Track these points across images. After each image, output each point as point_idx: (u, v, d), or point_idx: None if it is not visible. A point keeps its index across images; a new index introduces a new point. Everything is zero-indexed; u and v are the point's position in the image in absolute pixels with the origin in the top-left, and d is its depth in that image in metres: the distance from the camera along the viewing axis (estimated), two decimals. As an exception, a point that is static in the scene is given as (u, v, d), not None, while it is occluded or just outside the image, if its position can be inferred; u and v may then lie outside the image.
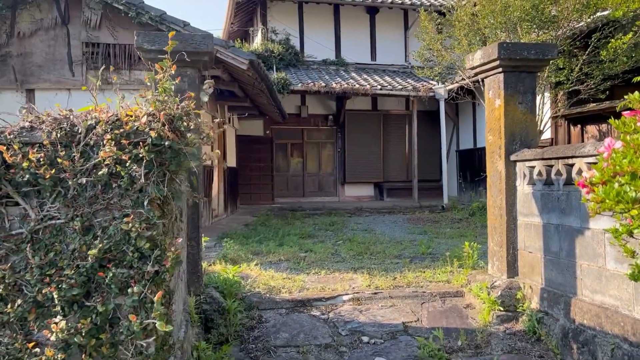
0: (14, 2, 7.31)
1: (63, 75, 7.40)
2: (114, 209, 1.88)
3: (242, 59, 7.00)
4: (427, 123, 16.56)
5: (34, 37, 7.46)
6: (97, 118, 1.96)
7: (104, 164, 1.86)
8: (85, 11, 7.35)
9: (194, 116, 2.17)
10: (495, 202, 4.89)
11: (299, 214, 13.12)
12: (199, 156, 2.04)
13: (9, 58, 7.41)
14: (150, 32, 4.04)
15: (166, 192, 1.86)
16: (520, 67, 4.70)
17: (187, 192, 3.70)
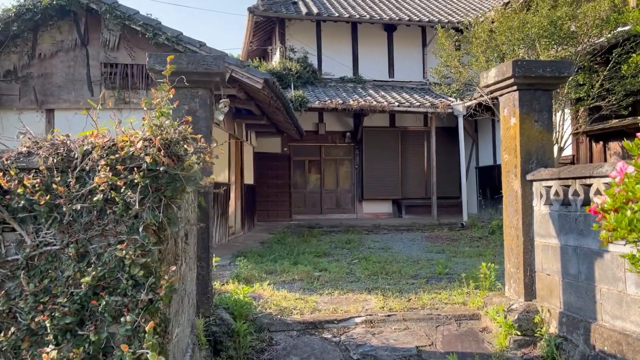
0: (36, 24, 7.49)
1: (82, 95, 7.53)
2: (109, 235, 1.86)
3: (257, 78, 7.03)
4: (445, 139, 16.43)
5: (55, 58, 7.62)
6: (93, 143, 1.96)
7: (99, 189, 1.85)
8: (104, 32, 7.49)
9: (192, 140, 2.15)
10: (512, 223, 4.77)
11: (316, 231, 13.05)
12: (196, 181, 2.00)
13: (30, 79, 7.58)
14: (162, 54, 4.07)
15: (162, 218, 1.83)
16: (535, 84, 4.61)
17: (194, 213, 3.68)
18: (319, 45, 17.35)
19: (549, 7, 10.13)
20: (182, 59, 4.05)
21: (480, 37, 11.15)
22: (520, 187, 4.63)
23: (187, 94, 4.17)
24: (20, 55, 7.58)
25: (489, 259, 8.20)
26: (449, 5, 19.54)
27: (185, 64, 4.04)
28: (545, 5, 10.10)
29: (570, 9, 9.61)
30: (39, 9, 7.10)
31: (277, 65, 16.34)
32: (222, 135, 10.36)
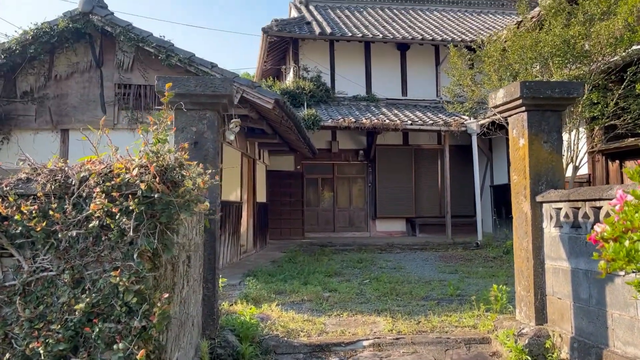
0: (53, 47, 7.66)
1: (96, 116, 7.66)
2: (104, 262, 1.87)
3: (267, 99, 7.09)
4: (459, 158, 16.35)
5: (70, 79, 7.78)
6: (90, 170, 1.98)
7: (94, 216, 1.87)
8: (118, 54, 7.64)
9: (188, 167, 2.16)
10: (522, 245, 4.70)
11: (328, 250, 13.00)
12: (191, 207, 2.01)
13: (45, 100, 7.74)
14: (170, 77, 4.13)
15: (157, 244, 1.84)
16: (544, 105, 4.58)
17: (199, 235, 3.69)
18: (332, 65, 17.49)
19: (562, 26, 10.09)
20: (190, 81, 4.11)
21: (493, 56, 11.14)
22: (529, 209, 4.57)
23: (195, 115, 4.22)
24: (37, 77, 7.76)
25: (502, 280, 8.08)
26: (462, 24, 19.59)
27: (193, 87, 4.09)
28: (558, 24, 10.07)
29: (583, 28, 9.56)
30: (55, 31, 7.28)
31: (290, 85, 16.49)
32: (234, 154, 10.43)
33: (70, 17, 7.31)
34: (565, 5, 10.72)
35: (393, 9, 21.01)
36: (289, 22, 17.57)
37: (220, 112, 4.36)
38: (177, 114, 4.25)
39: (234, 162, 10.48)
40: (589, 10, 9.53)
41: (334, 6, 20.47)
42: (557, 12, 10.59)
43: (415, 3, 21.74)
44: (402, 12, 20.74)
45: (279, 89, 16.06)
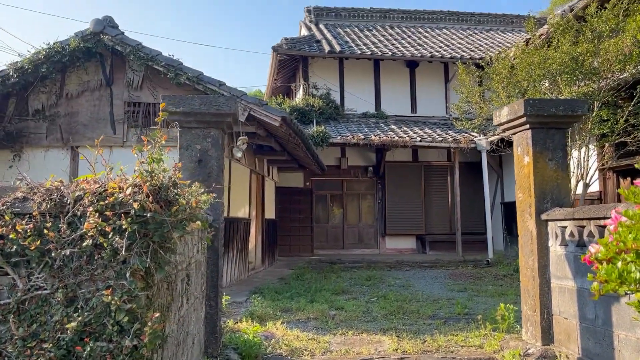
0: (64, 66, 7.82)
1: (105, 133, 7.76)
2: (98, 280, 1.88)
3: (274, 116, 7.15)
4: (469, 174, 16.28)
5: (81, 97, 7.91)
6: (84, 189, 2.01)
7: (88, 235, 1.89)
8: (128, 73, 7.76)
9: (182, 186, 2.18)
10: (527, 264, 4.65)
11: (336, 267, 12.95)
12: (184, 226, 2.03)
13: (57, 118, 7.87)
14: (175, 96, 4.19)
15: (149, 263, 1.86)
16: (549, 123, 4.56)
17: (202, 252, 3.71)
18: (341, 82, 17.60)
19: (570, 43, 10.08)
20: (195, 100, 4.16)
21: (501, 73, 11.14)
22: (535, 227, 4.53)
23: (200, 134, 4.27)
24: (49, 95, 7.90)
25: (511, 299, 7.98)
26: (471, 41, 19.66)
27: (198, 105, 4.15)
28: (566, 41, 10.06)
29: (591, 45, 9.54)
30: (67, 51, 7.43)
31: (300, 102, 16.60)
32: (242, 171, 10.49)
33: (82, 37, 7.46)
34: (574, 23, 10.72)
35: (402, 27, 21.16)
36: (299, 41, 17.75)
37: (224, 130, 4.40)
38: (182, 132, 4.30)
39: (242, 179, 10.53)
40: (597, 28, 9.51)
41: (343, 25, 20.67)
42: (565, 29, 10.59)
43: (424, 21, 21.89)
44: (411, 30, 20.87)
45: (288, 107, 16.18)
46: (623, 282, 1.60)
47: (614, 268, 1.62)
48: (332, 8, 21.27)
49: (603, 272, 1.66)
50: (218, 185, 4.23)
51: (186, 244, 2.76)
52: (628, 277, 1.58)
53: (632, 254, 1.64)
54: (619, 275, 1.60)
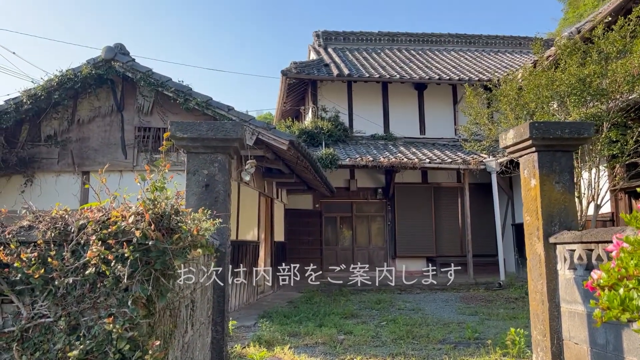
0: (76, 92, 7.97)
1: (116, 158, 7.87)
2: (100, 308, 1.90)
3: (282, 140, 7.21)
4: (479, 196, 16.20)
5: (92, 123, 8.05)
6: (88, 218, 2.04)
7: (91, 263, 1.91)
8: (138, 98, 7.90)
9: (184, 214, 2.21)
10: (536, 287, 4.60)
11: (346, 290, 12.85)
12: (186, 254, 2.04)
13: (68, 143, 8.00)
14: (183, 122, 4.25)
15: (151, 291, 1.87)
16: (555, 146, 4.55)
17: (208, 278, 3.72)
18: (350, 104, 17.72)
19: (577, 65, 10.10)
20: (202, 126, 4.22)
21: (509, 95, 11.17)
22: (543, 250, 4.49)
23: (207, 159, 4.31)
24: (61, 121, 8.05)
25: (522, 322, 7.86)
26: (479, 63, 19.76)
27: (205, 131, 4.20)
28: (574, 63, 10.08)
29: (598, 66, 9.55)
30: (79, 78, 7.59)
31: (309, 125, 16.72)
32: (251, 193, 10.53)
33: (94, 64, 7.63)
34: (580, 45, 10.76)
35: (410, 49, 21.34)
36: (308, 65, 17.96)
37: (231, 154, 4.44)
38: (190, 157, 4.35)
39: (251, 202, 10.57)
40: (604, 49, 9.54)
41: (352, 48, 20.89)
42: (572, 51, 10.62)
43: (432, 44, 22.07)
44: (419, 52, 21.04)
45: (297, 129, 16.30)
46: (625, 310, 1.59)
47: (616, 295, 1.61)
48: (341, 32, 21.54)
49: (605, 299, 1.65)
50: (225, 210, 4.26)
51: (190, 270, 2.78)
52: (630, 305, 1.57)
53: (634, 281, 1.63)
54: (621, 302, 1.58)
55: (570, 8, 30.42)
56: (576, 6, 29.66)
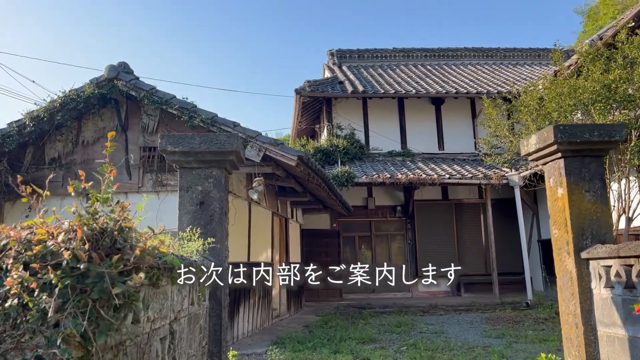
0: (80, 113, 7.80)
1: (121, 180, 7.63)
2: (25, 349, 1.56)
3: (290, 156, 6.90)
4: (503, 212, 15.60)
5: (96, 144, 7.86)
6: (10, 237, 1.71)
7: (10, 293, 1.58)
8: (143, 118, 7.69)
9: (128, 230, 1.87)
10: (569, 308, 4.13)
11: (365, 313, 12.35)
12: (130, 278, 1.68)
13: (73, 165, 7.80)
14: (174, 135, 3.96)
15: (86, 326, 1.52)
16: (583, 151, 4.13)
17: (199, 305, 3.36)
18: (365, 121, 17.41)
19: (601, 71, 9.65)
20: (195, 138, 3.91)
21: (530, 105, 10.72)
22: (574, 267, 4.03)
23: (201, 174, 4.00)
24: (65, 143, 7.88)
25: (553, 345, 7.32)
26: (497, 76, 19.32)
27: (198, 144, 3.89)
28: (597, 69, 9.64)
29: (624, 72, 9.08)
30: (82, 98, 7.42)
31: (324, 143, 16.43)
32: (264, 213, 10.21)
33: (96, 83, 7.46)
34: (604, 51, 10.31)
35: (426, 65, 21.02)
36: (322, 83, 17.76)
37: (227, 169, 4.12)
38: (182, 172, 4.04)
39: (263, 222, 10.24)
40: (629, 54, 9.08)
41: (366, 66, 20.67)
42: (595, 57, 10.18)
43: (448, 58, 21.73)
44: (435, 67, 20.71)
45: (312, 148, 16.03)
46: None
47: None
48: (355, 50, 21.35)
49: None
50: (221, 230, 3.93)
51: (166, 297, 2.43)
52: None
53: None
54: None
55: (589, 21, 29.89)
56: (595, 19, 29.12)
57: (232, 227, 8.53)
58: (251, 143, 6.94)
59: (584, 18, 24.79)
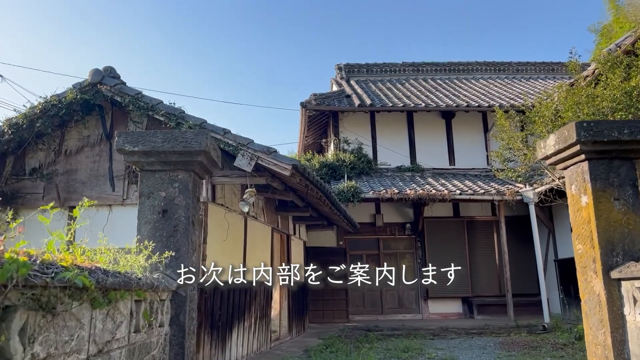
0: (62, 120, 7.36)
1: (104, 191, 7.14)
2: None
3: (284, 165, 6.35)
4: (517, 229, 14.85)
5: (80, 154, 7.39)
6: None
7: None
8: (129, 125, 7.23)
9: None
10: (597, 338, 3.49)
11: (372, 336, 11.65)
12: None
13: (54, 176, 7.33)
14: (133, 132, 3.46)
15: None
16: (610, 152, 3.54)
17: (147, 334, 2.80)
18: (373, 136, 16.87)
19: (621, 79, 9.07)
20: (157, 136, 3.39)
21: (545, 115, 10.13)
22: (603, 289, 3.41)
23: (165, 177, 3.47)
24: (47, 153, 7.42)
25: (575, 376, 6.60)
26: (510, 90, 18.74)
27: (161, 142, 3.37)
28: (616, 77, 9.07)
29: (646, 77, 8.50)
30: (63, 104, 6.97)
31: (330, 157, 15.90)
32: (262, 229, 9.66)
33: (80, 88, 7.02)
34: (623, 58, 9.76)
35: (437, 79, 20.51)
36: (328, 96, 17.31)
37: (197, 172, 3.58)
38: (143, 176, 3.52)
39: (262, 239, 9.68)
40: (652, 59, 8.50)
41: (375, 80, 20.20)
42: (614, 65, 9.63)
43: (459, 72, 21.20)
44: (445, 82, 20.18)
45: (318, 162, 15.50)
46: None
47: None
48: (363, 64, 20.91)
49: None
50: (186, 242, 3.37)
51: (80, 325, 1.88)
52: None
53: None
54: None
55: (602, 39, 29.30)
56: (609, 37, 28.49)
57: (225, 243, 7.99)
58: (242, 151, 6.42)
59: (597, 36, 24.25)
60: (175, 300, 3.30)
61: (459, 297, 15.72)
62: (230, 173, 7.13)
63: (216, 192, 7.29)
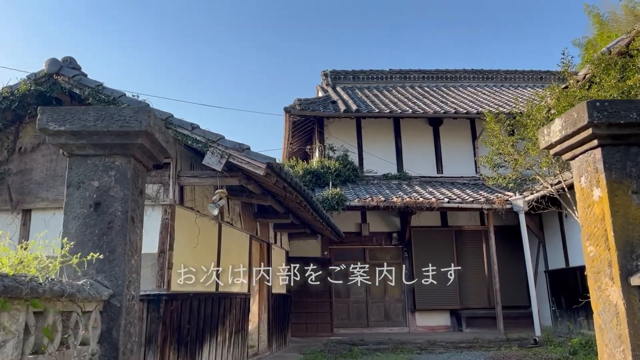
0: (17, 116, 6.73)
1: (62, 193, 6.51)
2: None
3: (258, 163, 5.78)
4: (506, 239, 14.37)
5: (36, 152, 6.74)
6: None
7: None
8: (90, 120, 6.61)
9: None
10: (614, 357, 2.94)
11: (357, 351, 11.04)
12: None
13: (7, 176, 6.67)
14: (60, 108, 2.86)
15: None
16: (628, 137, 3.01)
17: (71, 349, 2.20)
18: (359, 142, 16.39)
19: (616, 80, 8.70)
20: (89, 113, 2.81)
21: (537, 118, 9.71)
22: (622, 298, 2.86)
23: (99, 164, 2.88)
24: (0, 150, 6.79)
25: (575, 396, 6.05)
26: (498, 97, 18.41)
27: (93, 121, 2.79)
28: (611, 78, 8.69)
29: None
30: (16, 96, 6.35)
31: (315, 164, 15.36)
32: (238, 237, 9.04)
33: (35, 79, 6.40)
34: (618, 59, 9.41)
35: (424, 86, 20.14)
36: (313, 102, 16.81)
37: (137, 158, 2.99)
38: (72, 162, 2.93)
39: (238, 247, 9.07)
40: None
41: (362, 87, 19.77)
42: (608, 65, 9.26)
43: (447, 80, 20.87)
44: (433, 89, 19.81)
45: (302, 169, 14.95)
46: None
47: None
48: (350, 71, 20.47)
49: None
50: (123, 242, 2.79)
51: None
52: None
53: None
54: None
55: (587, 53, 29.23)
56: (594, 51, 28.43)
57: (195, 250, 7.35)
58: (212, 148, 5.84)
59: (582, 50, 24.22)
60: (108, 312, 2.70)
61: (447, 309, 15.19)
62: (200, 173, 6.56)
63: (185, 194, 6.69)
